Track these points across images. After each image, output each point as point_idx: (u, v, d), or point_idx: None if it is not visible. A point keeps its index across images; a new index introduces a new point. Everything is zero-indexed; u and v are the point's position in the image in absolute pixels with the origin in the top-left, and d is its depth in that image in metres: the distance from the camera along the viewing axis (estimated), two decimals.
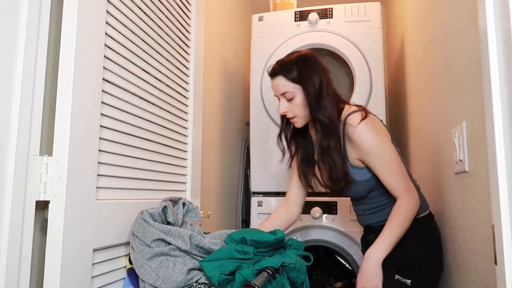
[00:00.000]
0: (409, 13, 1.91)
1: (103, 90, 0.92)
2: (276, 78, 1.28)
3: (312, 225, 1.88)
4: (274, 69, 1.29)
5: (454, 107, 1.21)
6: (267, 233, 1.04)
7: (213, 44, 2.02)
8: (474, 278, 1.07)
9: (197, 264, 0.95)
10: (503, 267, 0.60)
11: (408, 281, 1.18)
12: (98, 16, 0.90)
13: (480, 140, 0.98)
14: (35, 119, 0.76)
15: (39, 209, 0.78)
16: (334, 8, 2.01)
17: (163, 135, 1.22)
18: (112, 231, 0.95)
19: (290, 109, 1.27)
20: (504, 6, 0.62)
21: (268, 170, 2.01)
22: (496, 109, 0.63)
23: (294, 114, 1.28)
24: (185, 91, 1.41)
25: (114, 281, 0.97)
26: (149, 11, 1.16)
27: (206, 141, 1.83)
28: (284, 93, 1.26)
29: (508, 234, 0.60)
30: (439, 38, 1.37)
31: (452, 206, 1.24)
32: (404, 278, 1.18)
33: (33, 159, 0.75)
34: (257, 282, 0.83)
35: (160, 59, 1.21)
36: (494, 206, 0.63)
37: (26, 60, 0.73)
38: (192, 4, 1.48)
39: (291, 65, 1.27)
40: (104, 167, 0.93)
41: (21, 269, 0.71)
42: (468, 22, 1.06)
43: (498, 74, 0.64)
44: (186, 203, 1.13)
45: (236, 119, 2.42)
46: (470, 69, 1.06)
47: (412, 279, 1.18)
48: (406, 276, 1.19)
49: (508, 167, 0.61)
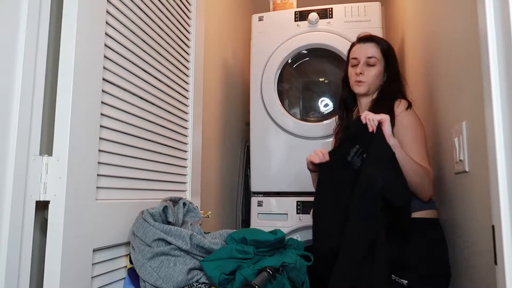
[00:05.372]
0: (409, 13, 1.91)
1: (103, 90, 0.92)
2: (367, 43, 1.42)
3: None
4: (368, 35, 1.44)
5: (454, 107, 1.21)
6: (267, 232, 1.04)
7: (213, 44, 2.02)
8: (474, 278, 1.07)
9: (197, 264, 0.95)
10: (503, 267, 0.60)
11: (404, 282, 1.16)
12: (98, 16, 0.90)
13: (480, 140, 0.98)
14: (35, 119, 0.76)
15: (39, 209, 0.78)
16: (334, 8, 2.01)
17: (163, 135, 1.22)
18: (112, 231, 0.95)
19: (365, 73, 1.39)
20: (504, 6, 0.62)
21: (268, 170, 2.01)
22: (496, 109, 0.63)
23: (366, 79, 1.39)
24: (185, 91, 1.41)
25: (114, 281, 0.96)
26: (149, 11, 1.16)
27: (206, 141, 1.83)
28: (370, 57, 1.39)
29: (508, 234, 0.60)
30: (439, 38, 1.37)
31: (452, 206, 1.24)
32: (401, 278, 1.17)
33: (33, 159, 0.75)
34: (257, 281, 0.83)
35: (160, 59, 1.21)
36: (494, 206, 0.63)
37: (26, 60, 0.73)
38: (192, 4, 1.48)
39: (383, 40, 1.44)
40: (104, 167, 0.93)
41: (21, 269, 0.71)
42: (468, 22, 1.06)
43: (498, 74, 0.64)
44: (187, 203, 1.14)
45: (236, 119, 2.42)
46: (470, 69, 1.06)
47: (409, 279, 1.16)
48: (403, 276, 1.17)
49: (508, 167, 0.61)
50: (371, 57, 1.39)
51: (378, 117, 1.17)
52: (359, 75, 1.39)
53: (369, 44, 1.41)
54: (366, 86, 1.39)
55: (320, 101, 2.12)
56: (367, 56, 1.39)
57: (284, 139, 2.00)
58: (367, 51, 1.40)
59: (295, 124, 1.99)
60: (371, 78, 1.39)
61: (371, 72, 1.39)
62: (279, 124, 2.00)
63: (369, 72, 1.39)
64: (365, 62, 1.39)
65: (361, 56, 1.40)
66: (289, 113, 2.02)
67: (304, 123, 2.00)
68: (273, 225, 1.92)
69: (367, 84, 1.39)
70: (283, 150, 2.00)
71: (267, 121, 2.03)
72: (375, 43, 1.41)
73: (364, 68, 1.39)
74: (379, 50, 1.40)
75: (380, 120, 1.16)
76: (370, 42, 1.42)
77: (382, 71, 1.40)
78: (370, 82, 1.39)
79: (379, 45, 1.41)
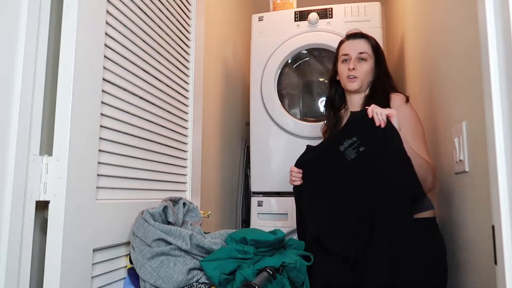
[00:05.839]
0: (409, 13, 1.91)
1: (103, 90, 0.92)
2: (357, 39, 1.44)
3: None
4: (358, 32, 1.46)
5: (454, 107, 1.21)
6: (267, 233, 1.04)
7: (213, 44, 2.02)
8: (474, 278, 1.07)
9: (197, 264, 0.95)
10: (503, 267, 0.60)
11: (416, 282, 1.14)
12: (98, 16, 0.90)
13: (480, 140, 0.98)
14: (35, 119, 0.76)
15: (39, 209, 0.78)
16: (334, 8, 2.01)
17: (163, 135, 1.22)
18: (112, 231, 0.95)
19: (358, 69, 1.40)
20: (504, 6, 0.62)
21: (268, 170, 2.01)
22: (496, 109, 0.63)
23: (359, 75, 1.40)
24: (185, 91, 1.41)
25: (114, 281, 0.96)
26: (149, 11, 1.16)
27: (206, 141, 1.83)
28: (362, 52, 1.40)
29: (508, 234, 0.60)
30: (439, 38, 1.37)
31: (452, 206, 1.24)
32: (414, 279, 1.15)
33: (33, 159, 0.75)
34: (257, 281, 0.83)
35: (160, 59, 1.21)
36: (494, 206, 0.63)
37: (26, 60, 0.73)
38: (192, 4, 1.48)
39: (372, 37, 1.45)
40: (104, 167, 0.93)
41: (21, 269, 0.71)
42: (468, 22, 1.06)
43: (498, 74, 0.64)
44: (186, 203, 1.14)
45: (236, 119, 2.42)
46: (470, 69, 1.06)
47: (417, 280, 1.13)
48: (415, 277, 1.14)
49: (508, 167, 0.61)
50: (362, 52, 1.40)
51: (387, 111, 1.15)
52: (352, 70, 1.39)
53: (359, 40, 1.43)
54: (359, 81, 1.40)
55: (320, 101, 2.12)
56: (358, 52, 1.40)
57: (284, 139, 2.00)
58: (358, 47, 1.41)
59: (295, 124, 1.99)
60: (363, 73, 1.39)
61: (363, 67, 1.40)
62: (279, 124, 2.00)
63: (361, 67, 1.40)
64: (357, 57, 1.40)
65: (352, 52, 1.41)
66: (289, 113, 2.02)
67: (304, 123, 2.00)
68: (273, 225, 1.92)
69: (360, 80, 1.39)
70: (283, 150, 2.00)
71: (267, 121, 2.03)
72: (365, 39, 1.43)
73: (356, 64, 1.40)
74: (369, 46, 1.42)
75: (389, 115, 1.15)
76: (360, 38, 1.43)
77: (373, 66, 1.41)
78: (362, 77, 1.39)
79: (369, 41, 1.43)
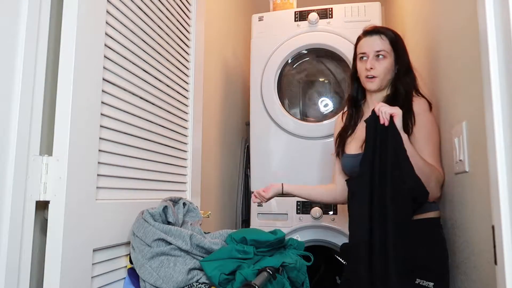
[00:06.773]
0: (409, 13, 1.91)
1: (103, 90, 0.92)
2: (374, 36, 1.35)
3: (312, 225, 1.88)
4: (373, 28, 1.37)
5: (454, 107, 1.21)
6: (268, 233, 1.04)
7: (213, 44, 2.02)
8: (474, 278, 1.07)
9: (197, 264, 0.95)
10: (503, 267, 0.60)
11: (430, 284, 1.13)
12: (98, 16, 0.90)
13: (480, 140, 0.98)
14: (35, 119, 0.76)
15: (39, 209, 0.78)
16: (334, 8, 2.01)
17: (163, 135, 1.22)
18: (112, 231, 0.95)
19: (376, 68, 1.33)
20: (504, 6, 0.62)
21: (268, 170, 2.01)
22: (496, 109, 0.63)
23: (377, 74, 1.33)
24: (185, 91, 1.41)
25: (114, 281, 0.96)
26: (149, 11, 1.16)
27: (206, 141, 1.83)
28: (379, 50, 1.33)
29: (508, 234, 0.60)
30: (439, 38, 1.37)
31: (452, 206, 1.24)
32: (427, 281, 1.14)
33: (33, 159, 0.75)
34: (257, 281, 0.83)
35: (160, 59, 1.21)
36: (494, 206, 0.63)
37: (26, 60, 0.73)
38: (192, 4, 1.48)
39: (390, 30, 1.36)
40: (104, 167, 0.93)
41: (21, 269, 0.71)
42: (468, 21, 1.06)
43: (498, 74, 0.63)
44: (187, 203, 1.14)
45: (236, 119, 2.42)
46: (470, 69, 1.06)
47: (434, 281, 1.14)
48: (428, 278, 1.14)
49: (508, 167, 0.61)
50: (379, 50, 1.33)
51: (391, 110, 1.13)
52: (370, 70, 1.33)
53: (376, 36, 1.35)
54: (378, 81, 1.33)
55: (320, 101, 2.12)
56: (375, 50, 1.33)
57: (284, 139, 2.00)
58: (374, 45, 1.34)
59: (295, 124, 1.99)
60: (382, 72, 1.32)
61: (381, 65, 1.32)
62: (279, 124, 2.00)
63: (379, 65, 1.33)
64: (374, 56, 1.33)
65: (369, 50, 1.34)
66: (289, 113, 2.02)
67: (304, 123, 2.00)
68: (273, 225, 1.92)
69: (379, 80, 1.33)
70: (283, 150, 2.00)
71: (267, 121, 2.03)
72: (382, 35, 1.34)
73: (374, 63, 1.33)
74: (387, 42, 1.33)
75: (392, 114, 1.12)
76: (376, 35, 1.35)
77: (393, 63, 1.34)
78: (381, 77, 1.33)
79: (386, 37, 1.34)
